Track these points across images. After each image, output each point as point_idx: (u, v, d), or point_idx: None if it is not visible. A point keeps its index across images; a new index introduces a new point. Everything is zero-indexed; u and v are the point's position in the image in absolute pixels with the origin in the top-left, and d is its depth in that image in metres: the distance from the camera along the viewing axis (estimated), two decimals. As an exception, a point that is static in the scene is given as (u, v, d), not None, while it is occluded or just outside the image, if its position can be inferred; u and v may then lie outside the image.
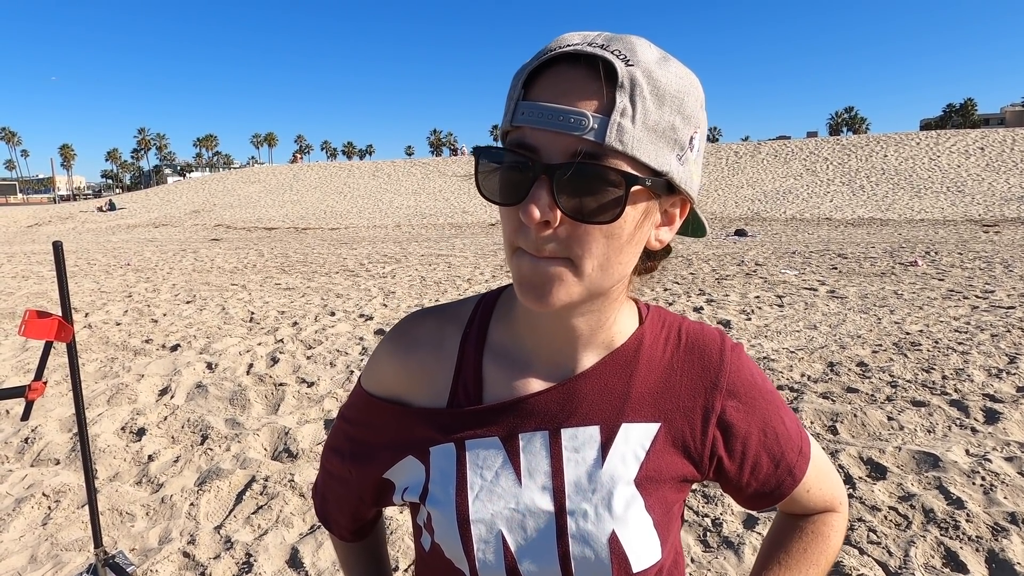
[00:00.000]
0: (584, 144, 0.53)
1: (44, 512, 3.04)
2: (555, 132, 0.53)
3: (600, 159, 0.53)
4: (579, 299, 0.59)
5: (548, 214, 0.54)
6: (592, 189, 0.53)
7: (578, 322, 0.65)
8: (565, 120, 0.52)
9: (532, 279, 0.57)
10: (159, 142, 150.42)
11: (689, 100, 0.56)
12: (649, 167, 0.55)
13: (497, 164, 0.57)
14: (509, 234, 0.58)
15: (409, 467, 0.71)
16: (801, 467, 0.73)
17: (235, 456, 3.55)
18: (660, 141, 0.54)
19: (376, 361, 0.75)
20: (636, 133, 0.53)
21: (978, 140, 33.13)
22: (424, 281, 9.66)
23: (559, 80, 0.54)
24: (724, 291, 8.02)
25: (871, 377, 4.45)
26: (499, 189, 0.57)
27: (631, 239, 0.58)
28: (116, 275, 11.13)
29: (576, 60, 0.54)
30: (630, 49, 0.54)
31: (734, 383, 0.70)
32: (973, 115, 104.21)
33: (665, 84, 0.54)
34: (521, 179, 0.55)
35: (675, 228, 0.63)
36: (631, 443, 0.67)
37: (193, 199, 39.01)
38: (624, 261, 0.59)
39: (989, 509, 2.76)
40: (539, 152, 0.54)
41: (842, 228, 18.25)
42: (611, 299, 0.65)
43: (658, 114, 0.54)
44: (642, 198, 0.57)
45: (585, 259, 0.56)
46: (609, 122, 0.52)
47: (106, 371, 5.16)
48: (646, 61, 0.54)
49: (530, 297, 0.58)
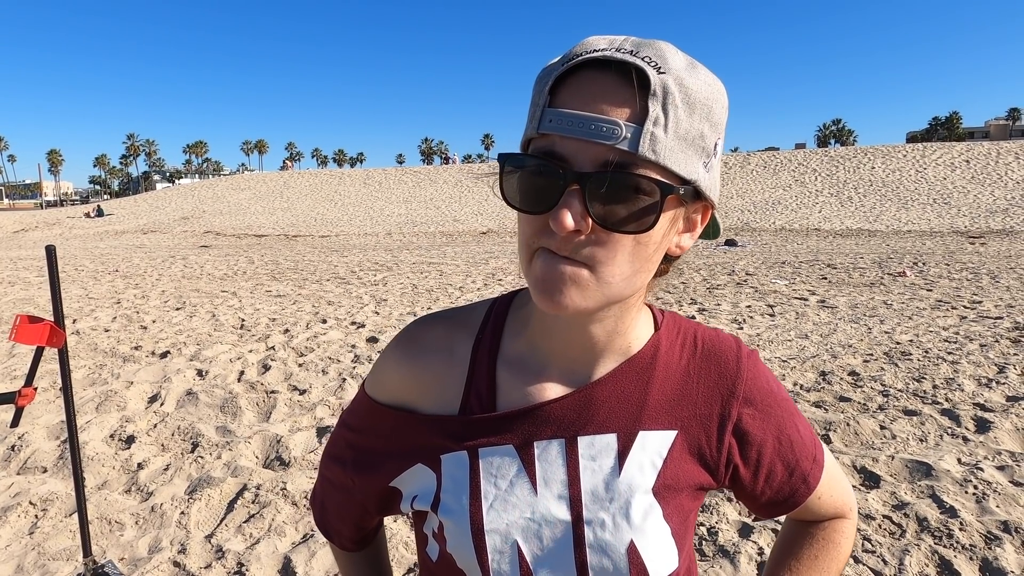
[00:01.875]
0: (616, 154, 0.52)
1: (31, 521, 2.99)
2: (586, 141, 0.52)
3: (632, 168, 0.52)
4: (596, 306, 0.58)
5: (580, 223, 0.53)
6: (625, 198, 0.53)
7: (595, 329, 0.64)
8: (597, 129, 0.51)
9: (551, 280, 0.55)
10: (148, 148, 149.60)
11: (717, 107, 0.55)
12: (679, 175, 0.54)
13: (523, 170, 0.56)
14: (529, 236, 0.57)
15: (419, 475, 0.70)
16: (815, 475, 0.73)
17: (226, 464, 3.51)
18: (690, 149, 0.54)
19: (382, 367, 0.73)
20: (668, 142, 0.52)
21: (963, 153, 33.55)
22: (416, 289, 9.63)
23: (589, 86, 0.53)
24: (715, 300, 8.05)
25: (863, 386, 4.48)
26: (525, 196, 0.56)
27: (656, 248, 0.58)
28: (104, 281, 11.01)
29: (605, 66, 0.53)
30: (660, 56, 0.53)
31: (750, 390, 0.69)
32: (958, 128, 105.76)
33: (696, 92, 0.53)
34: (550, 186, 0.54)
35: (696, 234, 0.63)
36: (648, 451, 0.66)
37: (182, 206, 38.75)
38: (647, 269, 0.59)
39: (982, 518, 2.77)
40: (568, 161, 0.53)
41: (831, 238, 18.39)
42: (629, 306, 0.64)
43: (688, 122, 0.53)
44: (673, 206, 0.56)
45: (609, 267, 0.55)
46: (643, 131, 0.51)
47: (94, 378, 5.10)
48: (677, 68, 0.53)
49: (546, 299, 0.56)
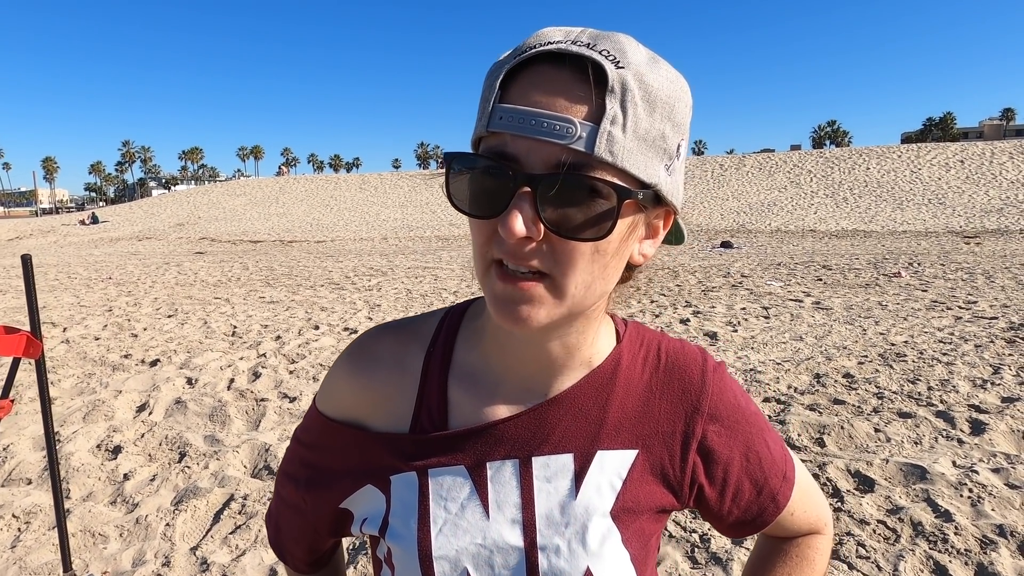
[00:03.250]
0: (570, 154, 0.48)
1: (13, 535, 2.94)
2: (538, 140, 0.48)
3: (587, 170, 0.48)
4: (558, 319, 0.54)
5: (531, 229, 0.49)
6: (579, 202, 0.49)
7: (554, 344, 0.60)
8: (550, 127, 0.48)
9: (509, 298, 0.52)
10: (144, 155, 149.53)
11: (680, 106, 0.52)
12: (638, 179, 0.50)
13: (472, 172, 0.52)
14: (481, 246, 0.53)
15: (369, 497, 0.66)
16: (785, 493, 0.69)
17: (213, 474, 3.47)
18: (650, 151, 0.50)
19: (332, 381, 0.69)
20: (627, 143, 0.48)
21: (958, 153, 33.70)
22: (410, 294, 9.60)
23: (541, 82, 0.49)
24: (710, 303, 8.03)
25: (857, 389, 4.45)
26: (473, 199, 0.52)
27: (617, 255, 0.54)
28: (97, 289, 10.95)
29: (560, 60, 0.49)
30: (619, 49, 0.49)
31: (716, 406, 0.66)
32: (952, 129, 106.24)
33: (657, 89, 0.50)
34: (499, 189, 0.50)
35: (659, 241, 0.59)
36: (607, 472, 0.63)
37: (178, 212, 38.68)
38: (608, 278, 0.55)
39: (977, 521, 2.74)
40: (519, 161, 0.49)
41: (826, 240, 18.41)
42: (591, 318, 0.61)
43: (649, 122, 0.49)
44: (630, 212, 0.52)
45: (568, 277, 0.52)
46: (599, 131, 0.48)
47: (83, 387, 5.05)
48: (637, 63, 0.49)
49: (506, 317, 0.53)
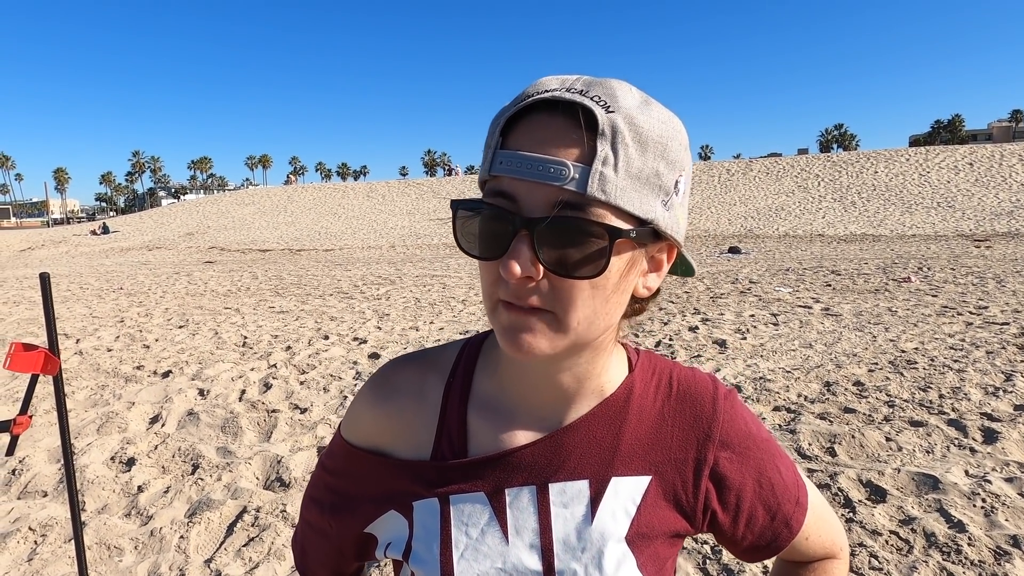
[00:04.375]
0: (565, 195, 0.51)
1: (30, 547, 2.98)
2: (534, 182, 0.52)
3: (582, 210, 0.51)
4: (563, 349, 0.57)
5: (530, 269, 0.52)
6: (574, 242, 0.52)
7: (564, 376, 0.63)
8: (545, 170, 0.51)
9: (514, 331, 0.55)
10: (153, 165, 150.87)
11: (673, 145, 0.54)
12: (634, 216, 0.53)
13: (476, 217, 0.56)
14: (489, 286, 0.57)
15: (392, 522, 0.69)
16: (798, 518, 0.71)
17: (226, 486, 3.49)
18: (644, 188, 0.53)
19: (356, 410, 0.72)
20: (619, 182, 0.51)
21: (967, 156, 33.49)
22: (419, 303, 9.62)
23: (537, 128, 0.53)
24: (719, 310, 8.02)
25: (868, 397, 4.43)
26: (479, 242, 0.56)
27: (617, 290, 0.57)
28: (108, 299, 11.04)
29: (555, 107, 0.53)
30: (610, 95, 0.53)
31: (727, 433, 0.68)
32: (961, 131, 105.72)
33: (648, 130, 0.53)
34: (501, 232, 0.54)
35: (663, 274, 0.62)
36: (621, 498, 0.65)
37: (187, 221, 38.94)
38: (611, 312, 0.58)
39: (991, 532, 2.73)
40: (519, 203, 0.53)
41: (835, 244, 18.33)
42: (599, 349, 0.63)
43: (641, 161, 0.52)
44: (627, 248, 0.55)
45: (570, 312, 0.55)
46: (591, 171, 0.51)
47: (96, 399, 5.10)
48: (627, 107, 0.52)
49: (511, 345, 0.56)
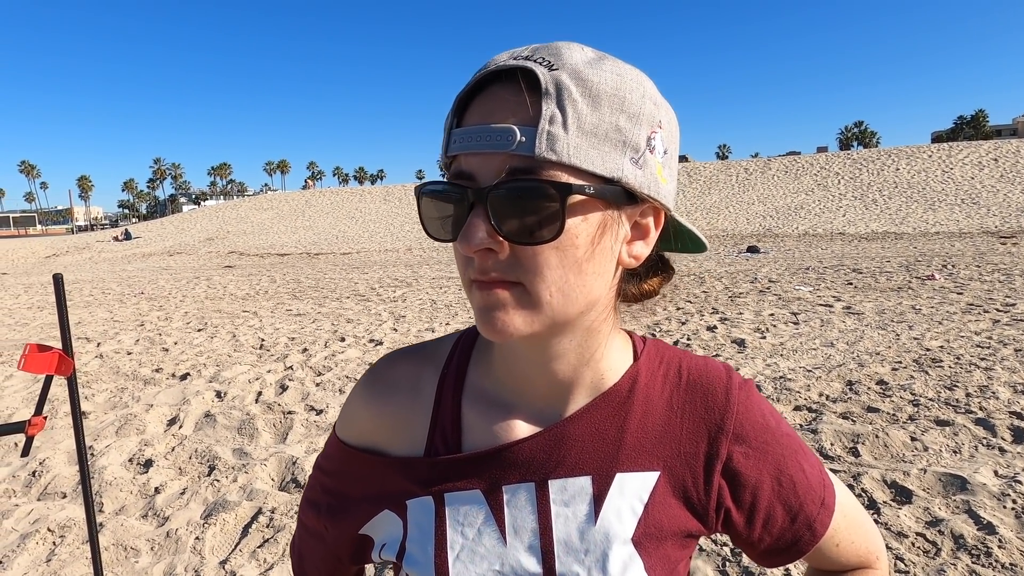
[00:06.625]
0: (514, 160, 0.49)
1: (49, 548, 3.00)
2: (485, 154, 0.50)
3: (536, 173, 0.49)
4: (542, 327, 0.54)
5: (488, 241, 0.50)
6: (529, 207, 0.49)
7: (558, 361, 0.59)
8: (492, 139, 0.49)
9: (487, 310, 0.53)
10: (174, 171, 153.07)
11: (632, 97, 0.51)
12: (595, 174, 0.50)
13: (434, 199, 0.54)
14: (462, 269, 0.54)
15: (387, 522, 0.66)
16: (823, 521, 0.65)
17: (242, 487, 3.50)
18: (604, 145, 0.50)
19: (350, 408, 0.69)
20: (571, 140, 0.48)
21: (991, 151, 32.83)
22: (435, 304, 9.62)
23: (487, 100, 0.52)
24: (738, 309, 7.91)
25: (892, 396, 4.33)
26: (441, 225, 0.54)
27: (589, 257, 0.53)
28: (129, 304, 11.19)
29: (504, 78, 0.51)
30: (554, 54, 0.51)
31: (742, 426, 0.63)
32: (985, 126, 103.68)
33: (598, 83, 0.50)
34: (461, 210, 0.52)
35: (651, 241, 0.57)
36: (627, 495, 0.61)
37: (207, 227, 39.42)
38: (587, 283, 0.53)
39: (1022, 534, 2.64)
40: (475, 178, 0.51)
41: (856, 243, 18.05)
42: (591, 331, 0.59)
43: (596, 116, 0.49)
44: (590, 208, 0.51)
45: (538, 283, 0.52)
46: (537, 132, 0.48)
47: (115, 401, 5.15)
48: (573, 63, 0.50)
49: (487, 328, 0.53)
